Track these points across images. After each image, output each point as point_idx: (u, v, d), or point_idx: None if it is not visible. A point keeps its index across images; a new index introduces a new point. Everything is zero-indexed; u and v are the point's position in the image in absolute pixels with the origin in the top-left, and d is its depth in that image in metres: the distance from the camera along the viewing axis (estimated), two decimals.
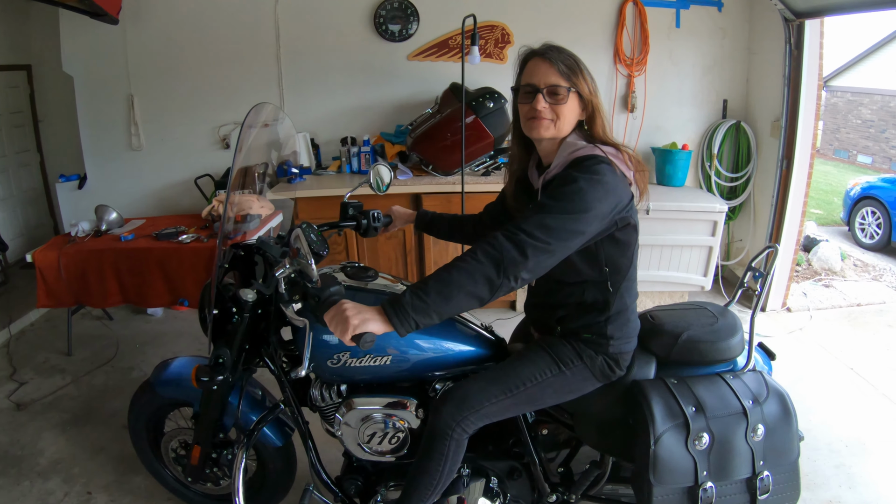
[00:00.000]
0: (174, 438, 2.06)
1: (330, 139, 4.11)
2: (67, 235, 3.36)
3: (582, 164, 1.38)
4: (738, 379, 1.57)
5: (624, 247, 1.48)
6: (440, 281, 1.24)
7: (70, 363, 3.38)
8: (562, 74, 1.40)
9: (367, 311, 1.24)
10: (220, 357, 1.55)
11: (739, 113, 4.08)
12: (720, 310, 1.72)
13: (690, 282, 3.68)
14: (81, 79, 3.95)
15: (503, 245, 1.25)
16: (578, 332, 1.54)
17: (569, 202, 1.30)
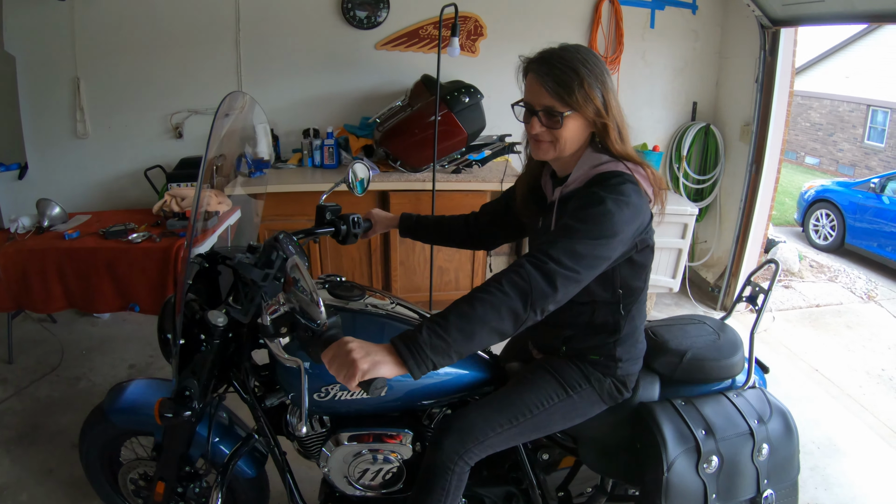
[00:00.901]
0: (133, 470, 1.86)
1: (290, 130, 3.89)
2: (7, 232, 3.08)
3: (607, 181, 1.28)
4: (741, 397, 1.57)
5: (640, 269, 1.41)
6: (462, 316, 1.11)
7: (11, 372, 3.12)
8: (553, 95, 1.26)
9: (376, 351, 1.07)
10: (186, 389, 1.36)
11: (708, 116, 4.10)
12: (719, 324, 1.72)
13: (660, 283, 3.68)
14: (24, 59, 3.60)
15: (531, 275, 1.14)
16: (585, 353, 1.48)
17: (596, 225, 1.21)
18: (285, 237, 1.37)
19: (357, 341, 1.09)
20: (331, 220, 1.73)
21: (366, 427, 1.49)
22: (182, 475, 1.66)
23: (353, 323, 1.46)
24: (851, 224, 6.51)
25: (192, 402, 1.35)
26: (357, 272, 3.61)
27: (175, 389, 1.36)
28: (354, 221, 1.75)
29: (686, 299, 4.05)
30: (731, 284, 3.86)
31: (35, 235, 3.04)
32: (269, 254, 1.33)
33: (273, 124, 3.87)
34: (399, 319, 1.53)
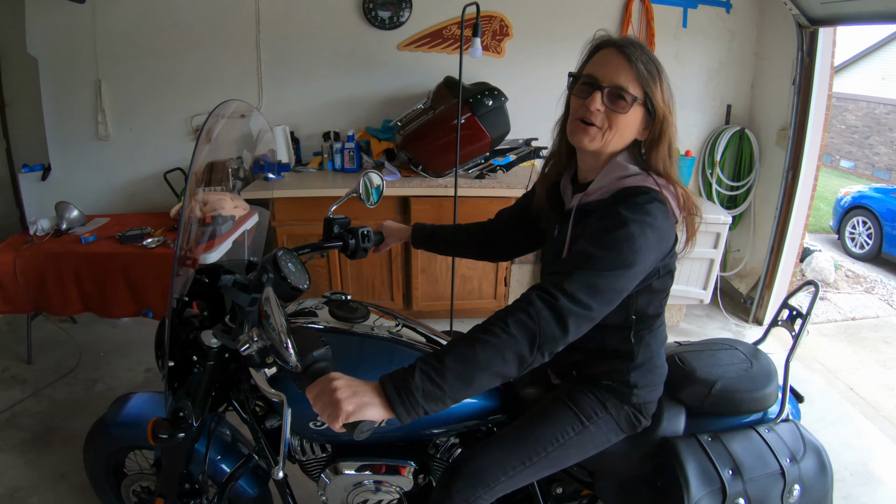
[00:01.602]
0: (136, 482, 1.83)
1: (312, 133, 3.83)
2: (26, 234, 3.10)
3: (632, 199, 1.15)
4: (773, 432, 1.44)
5: (657, 295, 1.30)
6: (461, 360, 0.99)
7: (30, 373, 3.14)
8: (637, 77, 1.17)
9: (363, 391, 0.98)
10: (180, 411, 1.29)
11: (743, 119, 3.93)
12: (751, 350, 1.58)
13: (690, 295, 3.53)
14: (46, 61, 3.62)
15: (541, 314, 1.02)
16: (598, 378, 1.37)
17: (618, 253, 1.09)
18: (284, 254, 1.28)
19: (344, 379, 0.99)
20: (339, 234, 1.64)
21: (367, 456, 1.41)
22: (182, 492, 1.61)
23: (354, 348, 1.37)
24: (889, 232, 6.22)
25: (187, 423, 1.29)
26: (377, 280, 3.54)
27: (170, 410, 1.29)
28: (364, 235, 1.65)
29: (717, 311, 3.89)
30: (765, 296, 3.69)
31: (53, 238, 3.05)
32: (261, 275, 1.24)
33: (294, 127, 3.83)
34: (404, 344, 1.43)
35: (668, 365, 1.49)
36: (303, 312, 1.46)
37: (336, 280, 3.50)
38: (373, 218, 3.29)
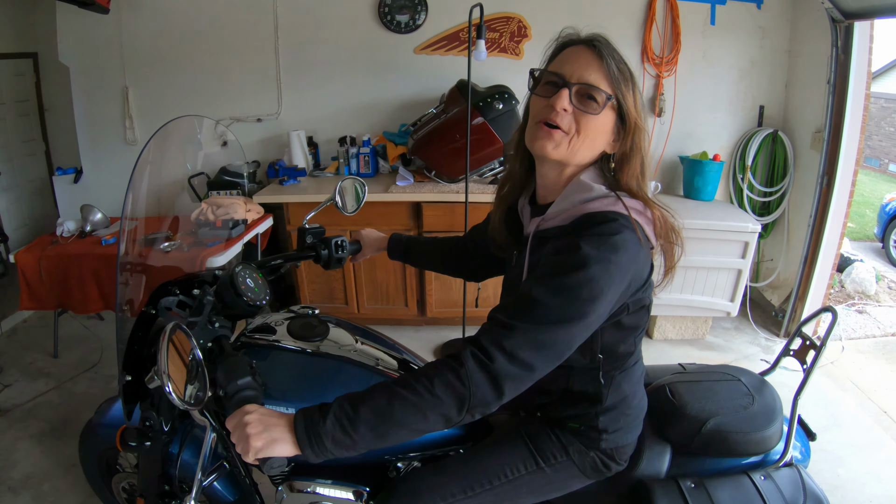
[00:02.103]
0: (124, 480, 1.90)
1: (330, 138, 3.88)
2: (52, 235, 3.26)
3: (596, 228, 1.01)
4: (770, 480, 1.29)
5: (629, 332, 1.15)
6: (376, 413, 0.94)
7: (55, 366, 3.31)
8: (608, 75, 1.03)
9: (274, 426, 0.95)
10: (147, 420, 1.34)
11: (776, 121, 3.69)
12: (757, 383, 1.43)
13: (716, 307, 3.35)
14: (77, 69, 3.81)
15: (473, 378, 0.93)
16: (563, 421, 1.25)
17: (572, 302, 0.96)
18: (242, 269, 1.26)
19: (258, 412, 0.97)
20: (311, 244, 1.61)
21: (323, 477, 1.36)
22: (162, 492, 1.62)
23: (302, 367, 1.34)
24: None
25: (154, 431, 1.33)
26: (392, 287, 3.53)
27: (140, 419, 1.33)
28: (338, 244, 1.61)
29: (746, 323, 3.68)
30: (797, 309, 3.46)
31: (78, 239, 3.20)
32: (203, 296, 1.22)
33: (312, 132, 3.88)
34: (355, 363, 1.37)
35: (657, 396, 1.38)
36: (263, 328, 1.44)
37: (350, 287, 3.52)
38: (387, 224, 3.32)
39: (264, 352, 1.34)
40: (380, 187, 3.37)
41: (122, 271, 1.41)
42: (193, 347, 1.00)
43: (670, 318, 3.51)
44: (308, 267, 3.46)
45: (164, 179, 3.99)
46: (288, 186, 3.49)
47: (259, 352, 1.34)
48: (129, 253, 1.60)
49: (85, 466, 1.92)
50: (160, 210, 3.89)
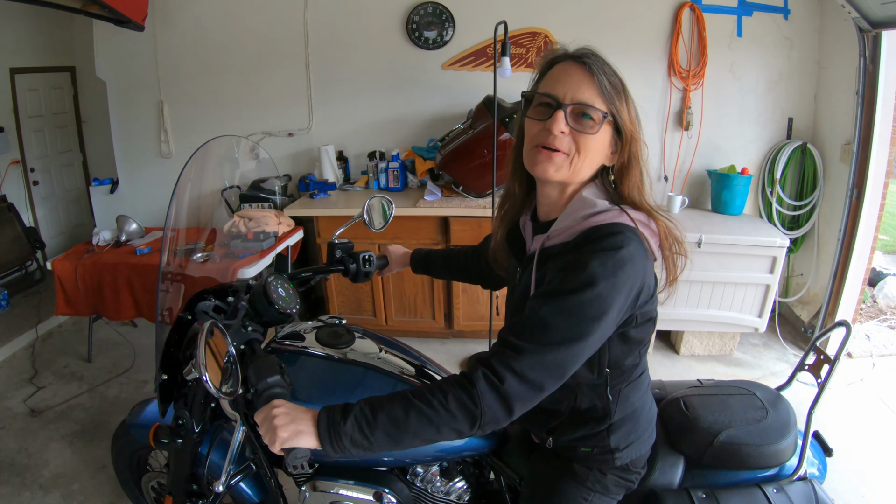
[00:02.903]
0: (154, 479, 1.98)
1: (360, 152, 3.96)
2: (88, 244, 3.37)
3: (602, 241, 1.00)
4: (782, 493, 1.29)
5: (635, 345, 1.15)
6: (392, 421, 0.98)
7: (88, 370, 3.42)
8: (601, 91, 1.01)
9: (301, 419, 1.00)
10: (179, 419, 1.43)
11: (806, 134, 3.65)
12: (772, 397, 1.43)
13: (743, 323, 3.30)
14: (113, 84, 3.96)
15: (484, 398, 0.96)
16: (575, 446, 1.25)
17: (580, 320, 0.97)
18: (274, 280, 1.32)
19: (286, 406, 1.02)
20: (340, 258, 1.67)
21: (345, 478, 1.42)
22: (190, 492, 1.68)
23: (327, 372, 1.40)
24: None
25: (185, 430, 1.42)
26: (419, 300, 3.57)
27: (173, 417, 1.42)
28: (365, 259, 1.67)
29: (775, 339, 3.62)
30: (827, 325, 3.40)
31: (113, 249, 3.30)
32: (237, 301, 1.29)
33: (342, 146, 3.96)
34: (379, 370, 1.42)
35: (671, 409, 1.39)
36: (293, 335, 1.50)
37: (379, 300, 3.57)
38: (415, 238, 3.35)
39: (293, 357, 1.40)
40: (408, 202, 3.41)
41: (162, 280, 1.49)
42: (228, 344, 1.06)
43: (697, 334, 3.47)
44: (337, 280, 3.52)
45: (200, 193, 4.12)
46: (318, 200, 3.56)
47: (288, 357, 1.40)
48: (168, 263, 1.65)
49: (116, 465, 2.00)
50: (198, 222, 4.02)
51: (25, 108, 4.62)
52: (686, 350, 3.52)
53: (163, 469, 1.93)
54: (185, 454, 1.55)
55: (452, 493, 1.50)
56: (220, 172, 2.16)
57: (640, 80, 3.63)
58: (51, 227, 4.93)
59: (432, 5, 3.64)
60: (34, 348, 3.68)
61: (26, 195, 4.74)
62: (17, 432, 2.85)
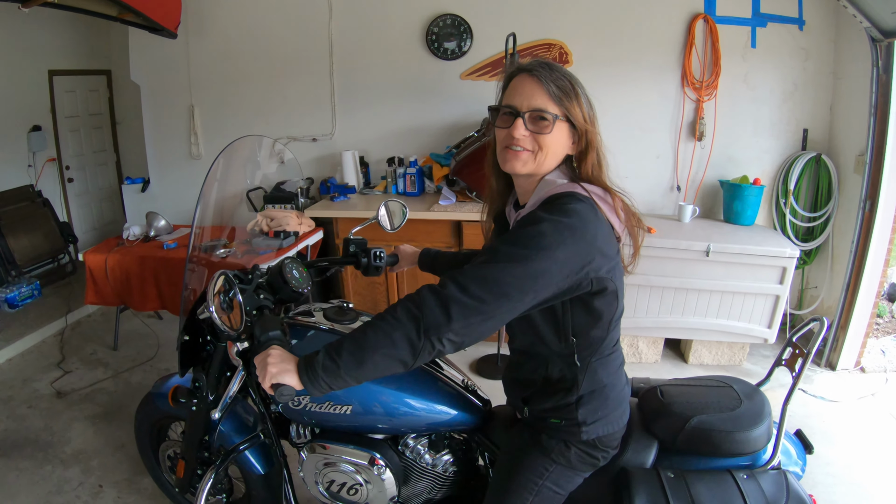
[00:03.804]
0: (169, 448, 2.13)
1: (380, 158, 4.08)
2: (119, 238, 3.53)
3: (555, 202, 1.15)
4: (752, 479, 1.31)
5: (598, 317, 1.23)
6: (354, 341, 1.10)
7: (114, 358, 3.59)
8: (551, 97, 1.17)
9: (288, 361, 1.15)
10: (197, 381, 1.61)
11: (821, 145, 3.64)
12: (748, 390, 1.47)
13: (752, 333, 3.29)
14: (147, 88, 4.16)
15: (425, 301, 1.07)
16: (546, 417, 1.34)
17: (522, 247, 1.08)
18: (290, 262, 1.50)
19: (279, 351, 1.18)
20: (354, 253, 1.80)
21: (342, 442, 1.54)
22: (202, 459, 1.83)
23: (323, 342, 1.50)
24: None
25: (201, 393, 1.60)
26: None
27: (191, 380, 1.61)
28: (376, 255, 1.80)
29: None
30: (839, 338, 3.37)
31: (142, 243, 3.47)
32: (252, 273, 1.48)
33: (364, 152, 4.09)
34: None
35: (648, 396, 1.46)
36: (304, 313, 1.64)
37: (394, 298, 3.66)
38: (429, 240, 3.44)
39: (303, 330, 1.54)
40: (423, 206, 3.51)
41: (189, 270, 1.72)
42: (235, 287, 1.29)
43: (706, 344, 3.48)
44: (355, 279, 3.64)
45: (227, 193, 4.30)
46: (338, 203, 3.69)
47: (299, 331, 1.53)
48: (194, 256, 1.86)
49: (138, 434, 2.16)
50: (222, 220, 4.19)
51: (63, 109, 4.88)
52: (695, 359, 3.52)
53: (179, 437, 2.07)
54: (200, 418, 1.70)
55: (439, 465, 1.60)
56: (246, 172, 2.31)
57: (653, 91, 3.69)
58: (83, 223, 5.16)
59: (451, 17, 3.76)
60: (63, 335, 3.88)
61: (61, 191, 4.99)
62: (42, 412, 3.02)
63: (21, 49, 4.51)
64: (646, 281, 3.21)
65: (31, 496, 2.42)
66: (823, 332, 1.47)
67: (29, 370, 3.46)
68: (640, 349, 3.50)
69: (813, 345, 1.42)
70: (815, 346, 1.42)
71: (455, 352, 1.11)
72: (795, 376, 1.44)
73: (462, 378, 1.65)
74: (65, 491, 2.45)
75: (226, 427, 1.81)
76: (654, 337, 3.46)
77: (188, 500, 2.10)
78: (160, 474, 2.22)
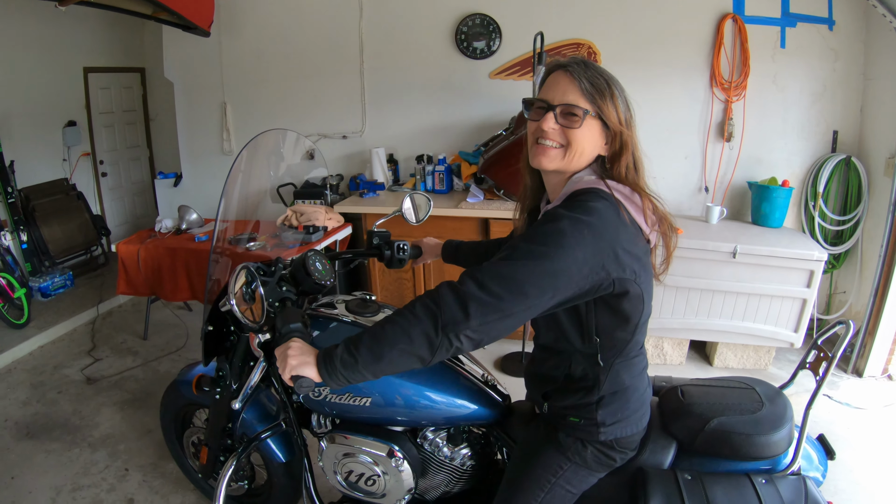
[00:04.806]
0: (193, 435, 2.18)
1: (409, 156, 4.14)
2: (151, 230, 3.62)
3: (577, 198, 1.14)
4: (771, 484, 1.29)
5: (623, 319, 1.21)
6: (373, 336, 1.10)
7: (143, 347, 3.68)
8: (583, 93, 1.16)
9: (308, 353, 1.17)
10: (220, 371, 1.65)
11: (851, 147, 3.59)
12: (771, 393, 1.43)
13: (778, 337, 3.25)
14: (180, 85, 4.26)
15: (443, 298, 1.06)
16: (565, 414, 1.33)
17: (541, 245, 1.06)
18: (314, 255, 1.52)
19: (299, 343, 1.19)
20: (377, 245, 1.83)
21: (362, 433, 1.56)
22: (225, 446, 1.87)
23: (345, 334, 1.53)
24: None
25: (224, 382, 1.64)
26: None
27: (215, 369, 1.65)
28: (399, 248, 1.83)
29: None
30: (867, 344, 3.32)
31: (174, 236, 3.55)
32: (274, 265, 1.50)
33: (393, 150, 4.15)
34: None
35: (668, 396, 1.44)
36: (327, 305, 1.66)
37: (420, 288, 3.72)
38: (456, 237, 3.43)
39: (325, 322, 1.55)
40: (451, 203, 3.55)
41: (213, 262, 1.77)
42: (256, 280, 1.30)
43: (732, 347, 3.44)
44: (382, 274, 3.69)
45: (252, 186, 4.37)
46: (367, 199, 3.75)
47: (320, 322, 1.55)
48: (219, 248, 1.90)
49: (163, 420, 2.22)
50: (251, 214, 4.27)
51: (97, 105, 5.02)
52: (720, 362, 3.49)
53: (203, 424, 2.12)
54: (223, 406, 1.73)
55: (457, 458, 1.61)
56: (271, 166, 2.36)
57: (681, 91, 3.67)
58: (116, 216, 5.29)
59: (480, 17, 3.80)
60: (94, 324, 3.99)
61: (95, 185, 5.12)
62: (72, 397, 3.11)
63: (57, 46, 4.65)
64: (672, 281, 3.20)
65: (59, 477, 2.50)
66: (849, 336, 1.44)
67: (60, 357, 3.57)
68: (665, 350, 3.49)
69: (838, 348, 1.39)
70: (841, 349, 1.39)
71: (474, 349, 1.11)
72: (819, 380, 1.41)
73: (482, 373, 1.65)
74: (91, 473, 2.52)
75: (248, 415, 1.84)
76: (679, 338, 3.44)
77: (211, 485, 2.16)
78: (184, 460, 2.27)
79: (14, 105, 4.36)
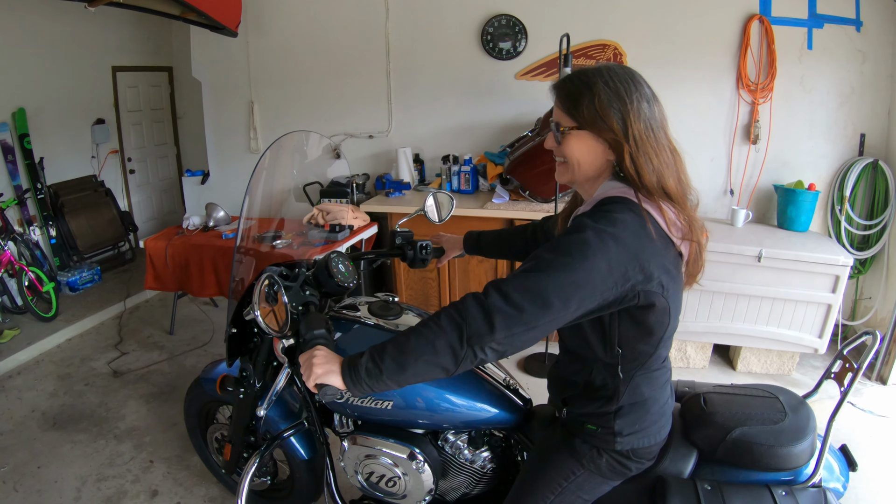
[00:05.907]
0: (217, 431, 2.21)
1: (436, 156, 4.16)
2: (178, 227, 3.69)
3: (602, 207, 1.12)
4: (791, 496, 1.27)
5: (646, 332, 1.19)
6: (398, 346, 1.11)
7: (170, 342, 3.74)
8: (562, 108, 1.18)
9: (333, 361, 1.17)
10: (244, 371, 1.68)
11: (878, 150, 3.54)
12: (794, 402, 1.40)
13: (802, 342, 3.22)
14: (208, 84, 4.32)
15: (469, 311, 1.06)
16: (583, 421, 1.32)
17: (564, 256, 1.05)
18: (336, 257, 1.54)
19: (324, 351, 1.20)
20: (400, 245, 1.85)
21: (383, 435, 1.57)
22: (248, 443, 1.89)
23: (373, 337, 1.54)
24: None
25: (248, 382, 1.66)
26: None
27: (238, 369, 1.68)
28: (422, 247, 1.85)
29: None
30: (892, 351, 3.28)
31: (201, 233, 3.61)
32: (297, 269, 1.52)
33: (419, 150, 4.18)
34: None
35: (690, 403, 1.43)
36: (350, 307, 1.68)
37: (444, 293, 3.74)
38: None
39: (347, 325, 1.58)
40: (477, 203, 3.58)
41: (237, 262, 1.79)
42: (280, 288, 1.32)
43: (755, 351, 3.41)
44: (406, 275, 3.71)
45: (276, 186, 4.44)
46: (393, 198, 3.78)
47: (343, 324, 1.58)
48: (244, 246, 1.92)
49: (187, 416, 2.26)
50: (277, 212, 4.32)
51: (125, 103, 5.11)
52: (743, 367, 3.47)
53: (227, 421, 2.15)
54: (247, 405, 1.76)
55: (477, 461, 1.61)
56: (295, 166, 2.40)
57: (707, 93, 3.65)
58: (143, 213, 5.38)
59: (506, 18, 3.80)
60: (121, 319, 4.08)
61: (123, 182, 5.22)
62: (98, 389, 3.18)
63: (86, 46, 4.74)
64: (696, 285, 3.18)
65: (85, 467, 2.56)
66: (876, 347, 1.41)
67: (87, 350, 3.65)
68: (689, 354, 3.48)
69: (864, 360, 1.36)
70: (867, 361, 1.36)
71: (498, 360, 1.12)
72: (844, 391, 1.38)
73: (504, 376, 1.66)
74: (117, 464, 2.58)
75: (272, 413, 1.86)
76: (702, 342, 3.43)
77: (234, 480, 2.20)
78: (208, 454, 2.30)
79: (44, 103, 4.45)
